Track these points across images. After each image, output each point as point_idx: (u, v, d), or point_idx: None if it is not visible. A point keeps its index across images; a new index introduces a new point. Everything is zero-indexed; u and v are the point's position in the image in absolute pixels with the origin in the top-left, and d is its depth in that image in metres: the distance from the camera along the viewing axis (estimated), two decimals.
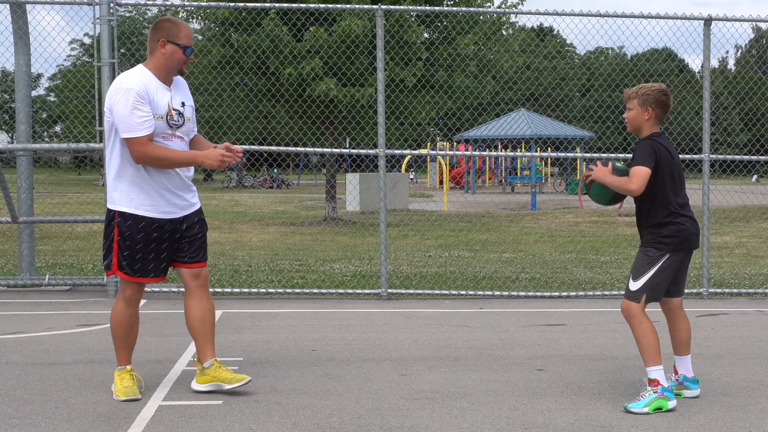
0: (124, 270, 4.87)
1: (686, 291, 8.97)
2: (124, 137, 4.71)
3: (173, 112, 4.85)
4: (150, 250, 4.87)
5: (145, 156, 4.73)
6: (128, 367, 4.97)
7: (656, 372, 4.74)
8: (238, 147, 4.91)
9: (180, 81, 4.99)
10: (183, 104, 4.94)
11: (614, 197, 5.01)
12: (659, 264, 4.81)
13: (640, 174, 4.74)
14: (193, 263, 5.03)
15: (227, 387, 4.99)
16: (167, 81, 4.88)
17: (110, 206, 4.89)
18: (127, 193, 4.82)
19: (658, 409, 4.68)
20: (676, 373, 5.04)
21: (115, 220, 4.84)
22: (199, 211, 5.08)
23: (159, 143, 4.79)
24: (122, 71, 5.10)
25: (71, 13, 50.97)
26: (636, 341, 4.85)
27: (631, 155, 9.22)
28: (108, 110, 4.80)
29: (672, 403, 4.73)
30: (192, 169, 5.04)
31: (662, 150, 4.83)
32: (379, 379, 5.35)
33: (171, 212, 4.91)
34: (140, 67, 4.86)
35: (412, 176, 45.25)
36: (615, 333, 6.90)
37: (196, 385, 5.05)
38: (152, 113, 4.75)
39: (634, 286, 4.84)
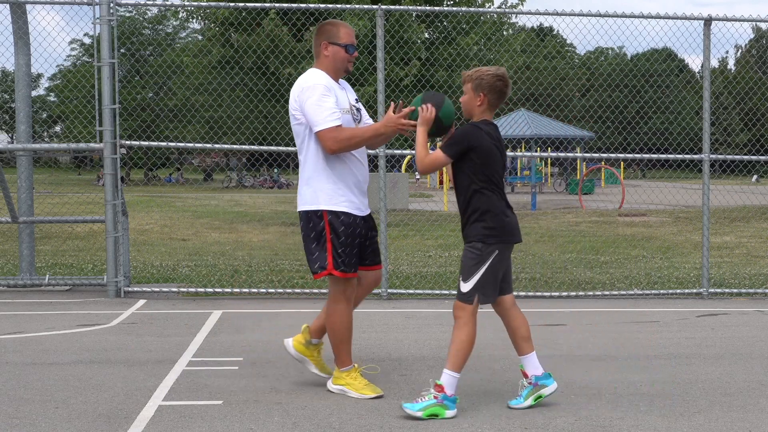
0: (339, 268, 4.84)
1: (686, 291, 9.07)
2: (317, 130, 4.77)
3: (352, 108, 4.99)
4: (358, 245, 4.91)
5: (339, 141, 4.76)
6: (356, 365, 5.02)
7: (451, 378, 4.56)
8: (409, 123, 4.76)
9: (343, 82, 5.12)
10: (356, 100, 5.11)
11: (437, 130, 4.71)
12: (489, 261, 4.59)
13: (434, 159, 4.57)
14: (374, 265, 5.12)
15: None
16: (337, 81, 5.01)
17: (310, 207, 4.86)
18: (327, 192, 4.84)
19: (434, 416, 4.47)
20: (526, 377, 4.73)
21: (324, 220, 4.81)
22: (371, 213, 5.12)
23: None
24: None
25: (71, 13, 51.00)
26: (452, 341, 4.61)
27: (625, 154, 9.30)
28: (297, 111, 4.87)
29: (450, 413, 4.50)
30: None
31: (484, 138, 4.55)
32: (379, 379, 5.35)
33: (363, 210, 4.97)
34: (314, 69, 4.98)
35: (418, 176, 45.23)
36: (615, 333, 6.90)
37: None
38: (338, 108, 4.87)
39: (466, 287, 4.58)
